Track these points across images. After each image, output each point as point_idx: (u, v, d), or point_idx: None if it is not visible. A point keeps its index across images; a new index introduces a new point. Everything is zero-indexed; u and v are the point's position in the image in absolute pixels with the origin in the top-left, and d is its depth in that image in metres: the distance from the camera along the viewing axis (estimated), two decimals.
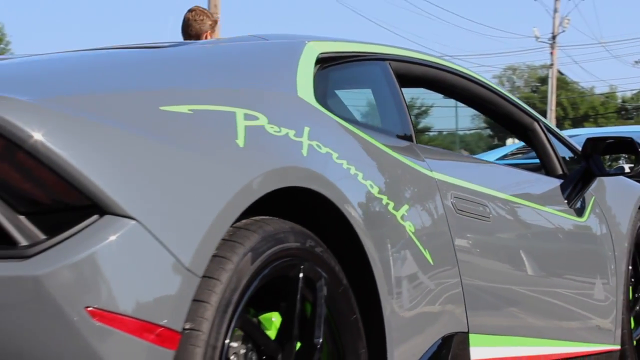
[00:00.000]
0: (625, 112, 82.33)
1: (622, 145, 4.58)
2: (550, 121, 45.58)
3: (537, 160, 4.66)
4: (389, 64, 3.67)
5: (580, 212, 4.33)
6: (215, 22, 6.95)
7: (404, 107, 3.60)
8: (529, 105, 5.14)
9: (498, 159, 8.35)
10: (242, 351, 2.43)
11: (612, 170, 4.74)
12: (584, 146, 4.42)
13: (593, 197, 4.48)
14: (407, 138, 3.49)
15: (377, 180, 2.99)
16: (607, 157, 4.61)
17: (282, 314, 2.57)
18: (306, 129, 2.73)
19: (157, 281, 2.16)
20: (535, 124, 4.44)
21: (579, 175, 4.41)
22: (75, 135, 2.15)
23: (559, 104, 52.49)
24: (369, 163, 3.02)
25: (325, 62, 3.28)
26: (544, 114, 42.80)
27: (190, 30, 6.67)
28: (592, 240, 4.37)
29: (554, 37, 48.40)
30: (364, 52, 3.59)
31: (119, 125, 2.24)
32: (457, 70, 4.07)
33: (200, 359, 2.22)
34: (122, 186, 2.14)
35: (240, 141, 2.46)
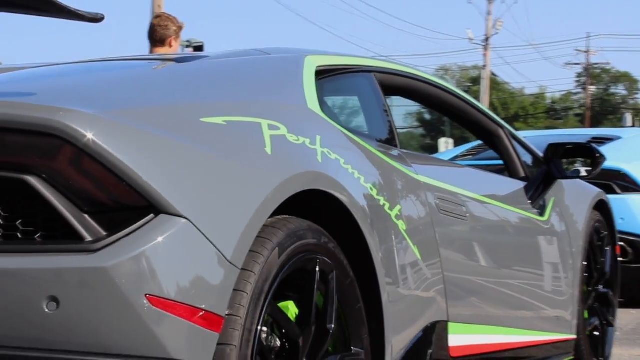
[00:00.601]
0: (554, 112, 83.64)
1: (581, 150, 4.97)
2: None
3: (489, 162, 5.02)
4: (374, 75, 4.00)
5: (542, 212, 4.70)
6: (180, 27, 7.21)
7: (389, 115, 3.93)
8: None
9: (450, 160, 8.72)
10: (271, 335, 2.75)
11: (570, 173, 5.12)
12: (546, 151, 4.80)
13: (553, 198, 4.85)
14: (393, 143, 3.82)
15: (375, 184, 3.32)
16: (565, 160, 4.97)
17: (296, 303, 2.89)
18: (318, 138, 3.05)
19: (205, 272, 2.47)
20: (500, 130, 4.81)
21: (540, 178, 4.78)
22: (133, 143, 2.44)
23: (490, 104, 53.25)
24: (368, 168, 3.34)
25: (321, 75, 3.59)
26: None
27: (156, 35, 6.92)
28: (553, 237, 4.74)
29: (487, 39, 49.17)
30: (352, 64, 3.92)
31: (168, 135, 2.54)
32: (432, 81, 4.42)
33: (238, 341, 2.53)
34: (174, 189, 2.44)
35: (268, 149, 2.78)
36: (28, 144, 2.40)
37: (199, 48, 4.56)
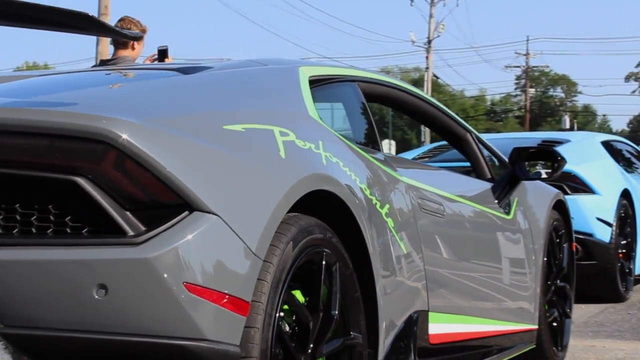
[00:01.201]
0: (494, 114, 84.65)
1: (543, 153, 5.36)
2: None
3: (449, 164, 5.36)
4: (358, 84, 4.34)
5: (507, 211, 5.07)
6: (144, 31, 7.48)
7: (372, 121, 4.27)
8: None
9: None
10: (286, 319, 3.07)
11: (533, 175, 5.50)
12: (511, 154, 5.17)
13: (516, 198, 5.22)
14: (377, 147, 4.15)
15: (368, 184, 3.65)
16: (527, 163, 5.34)
17: (303, 292, 3.21)
18: (320, 143, 3.38)
19: (233, 262, 2.78)
20: (468, 135, 5.17)
21: (506, 179, 5.16)
22: (169, 148, 2.75)
23: None
24: (361, 170, 3.67)
25: (312, 84, 3.91)
26: None
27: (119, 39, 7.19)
28: (518, 235, 5.12)
29: (429, 42, 49.79)
30: (338, 74, 4.25)
31: (198, 140, 2.85)
32: (408, 89, 4.78)
33: (261, 324, 2.85)
34: (206, 189, 2.76)
35: (282, 153, 3.10)
36: (77, 149, 2.70)
37: (163, 52, 4.71)
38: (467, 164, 5.36)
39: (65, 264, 2.66)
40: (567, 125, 61.87)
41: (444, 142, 10.44)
